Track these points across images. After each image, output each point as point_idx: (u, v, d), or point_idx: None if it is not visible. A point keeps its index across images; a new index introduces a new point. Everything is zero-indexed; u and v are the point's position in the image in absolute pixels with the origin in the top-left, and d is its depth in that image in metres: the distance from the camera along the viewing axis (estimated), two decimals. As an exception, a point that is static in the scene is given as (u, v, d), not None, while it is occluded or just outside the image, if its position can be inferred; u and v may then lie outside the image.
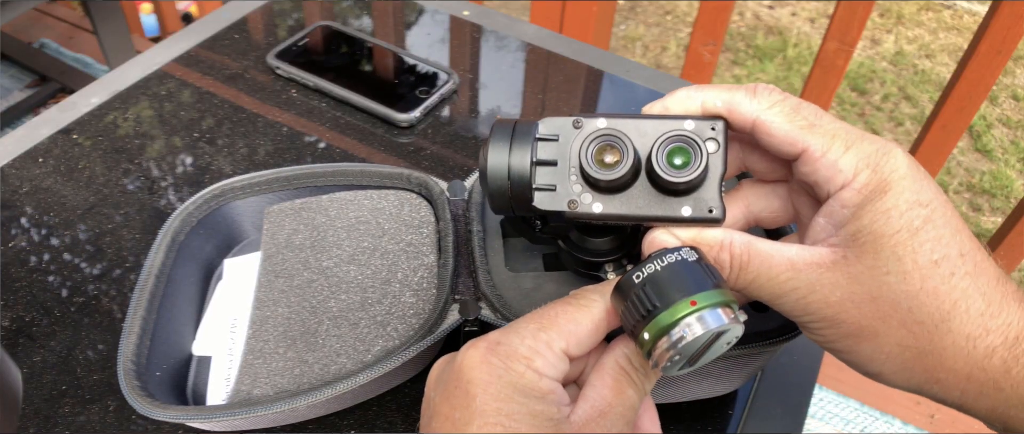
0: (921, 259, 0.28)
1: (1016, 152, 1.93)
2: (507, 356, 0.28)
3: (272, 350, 0.41)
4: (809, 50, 2.16)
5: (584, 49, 0.69)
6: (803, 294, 0.29)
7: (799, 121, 0.30)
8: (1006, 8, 0.92)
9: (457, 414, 0.28)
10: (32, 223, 0.52)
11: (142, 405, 0.37)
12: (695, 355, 0.28)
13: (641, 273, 0.28)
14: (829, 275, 0.28)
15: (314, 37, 0.68)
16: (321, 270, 0.44)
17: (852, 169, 0.29)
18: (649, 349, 0.27)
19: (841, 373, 1.30)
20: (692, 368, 0.29)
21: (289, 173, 0.48)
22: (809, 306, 0.29)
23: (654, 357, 0.27)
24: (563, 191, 0.31)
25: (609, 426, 0.28)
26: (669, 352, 0.27)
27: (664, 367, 0.28)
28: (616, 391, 0.29)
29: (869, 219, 0.28)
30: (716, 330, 0.27)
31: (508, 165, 0.32)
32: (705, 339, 0.27)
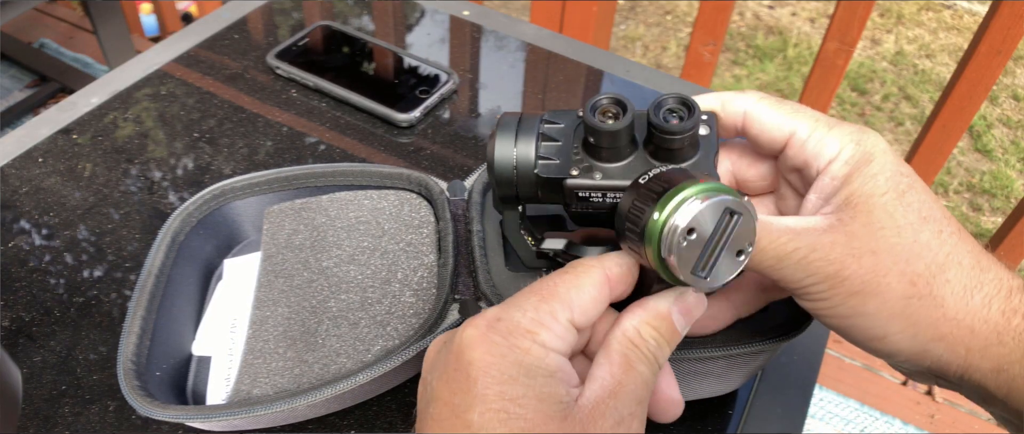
0: (911, 216, 0.29)
1: (1016, 152, 1.93)
2: (509, 332, 0.27)
3: (272, 350, 0.41)
4: (809, 50, 2.16)
5: (584, 49, 0.69)
6: (804, 254, 0.29)
7: (785, 109, 0.33)
8: (1006, 8, 0.92)
9: (457, 399, 0.26)
10: (32, 223, 0.52)
11: (142, 405, 0.37)
12: (710, 250, 0.27)
13: (647, 175, 0.29)
14: (828, 236, 0.29)
15: (314, 37, 0.68)
16: (321, 270, 0.44)
17: (837, 145, 0.31)
18: (659, 237, 0.26)
19: (841, 373, 1.30)
20: (707, 280, 0.27)
21: (289, 173, 0.48)
22: (811, 266, 0.29)
23: (666, 244, 0.26)
24: (565, 162, 0.32)
25: (621, 408, 0.27)
26: (681, 237, 0.26)
27: (679, 263, 0.26)
28: (626, 368, 0.28)
29: (859, 183, 0.30)
30: (728, 204, 0.26)
31: (515, 154, 0.33)
32: (717, 217, 0.26)
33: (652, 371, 0.28)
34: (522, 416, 0.25)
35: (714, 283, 0.28)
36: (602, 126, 0.31)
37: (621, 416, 0.27)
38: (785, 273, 0.30)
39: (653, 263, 0.27)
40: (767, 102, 0.33)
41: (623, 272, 0.30)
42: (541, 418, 0.25)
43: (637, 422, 0.27)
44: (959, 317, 0.29)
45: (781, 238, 0.30)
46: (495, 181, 0.33)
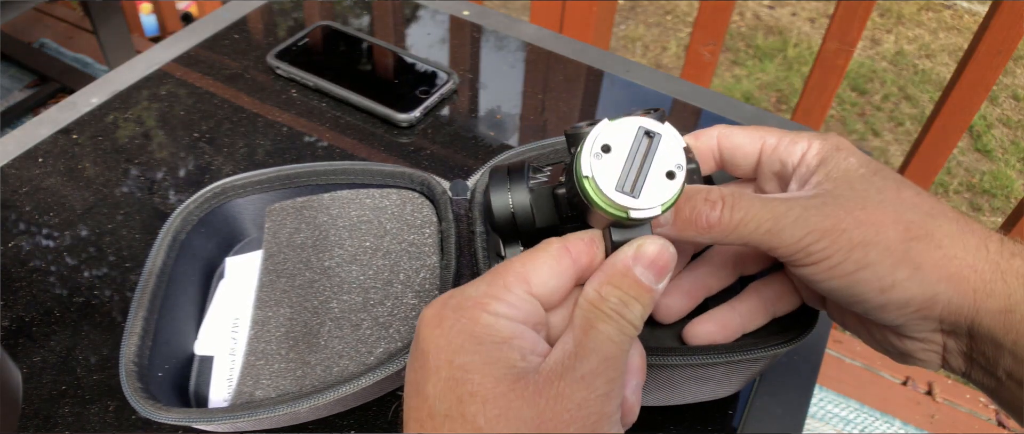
0: (889, 183, 0.32)
1: (1016, 152, 1.93)
2: (459, 306, 0.27)
3: (274, 351, 0.41)
4: (809, 50, 2.16)
5: (584, 49, 0.69)
6: (799, 213, 0.30)
7: (750, 128, 0.36)
8: (1006, 8, 0.92)
9: (418, 376, 0.27)
10: (32, 223, 0.52)
11: (145, 408, 0.37)
12: (632, 168, 0.27)
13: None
14: (817, 200, 0.31)
15: (314, 37, 0.68)
16: (323, 270, 0.44)
17: (806, 142, 0.34)
18: (580, 160, 0.27)
19: (841, 373, 1.30)
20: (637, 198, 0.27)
21: (290, 171, 0.48)
22: (809, 222, 0.30)
23: (586, 163, 0.26)
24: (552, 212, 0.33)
25: (582, 366, 0.26)
26: (596, 153, 0.26)
27: (600, 180, 0.26)
28: (586, 328, 0.27)
29: (833, 164, 0.32)
30: (642, 124, 0.27)
31: (511, 204, 0.33)
32: (632, 136, 0.27)
33: (618, 329, 0.27)
34: (470, 381, 0.25)
35: (648, 204, 0.27)
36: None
37: (582, 374, 0.26)
38: (784, 235, 0.30)
39: (590, 196, 0.27)
40: (736, 128, 0.36)
41: (584, 242, 0.29)
42: (490, 382, 0.25)
43: (603, 381, 0.26)
44: (960, 255, 0.30)
45: (775, 205, 0.31)
46: (495, 227, 0.34)
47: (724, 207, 0.31)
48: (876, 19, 2.31)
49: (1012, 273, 0.29)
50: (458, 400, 0.25)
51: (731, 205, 0.31)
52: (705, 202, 0.31)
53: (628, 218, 0.27)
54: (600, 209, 0.27)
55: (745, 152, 0.36)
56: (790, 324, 0.39)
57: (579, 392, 0.25)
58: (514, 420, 0.25)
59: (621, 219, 0.27)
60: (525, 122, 0.63)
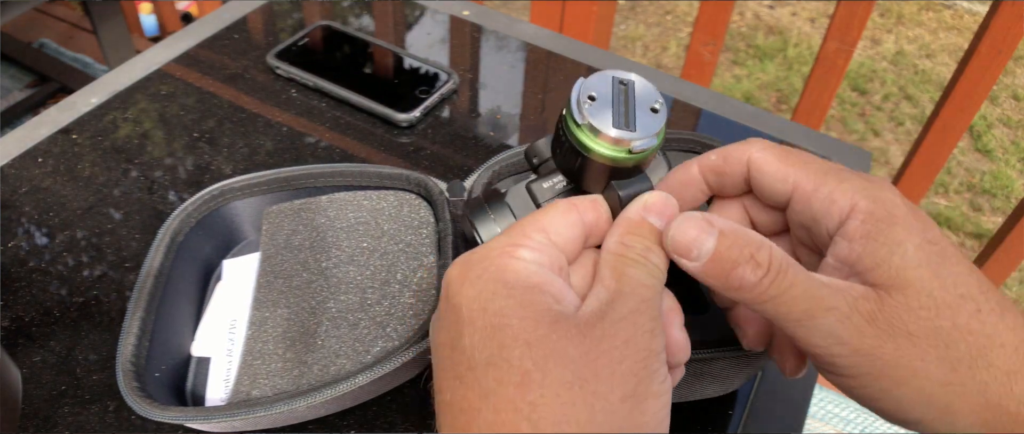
0: (948, 295, 0.26)
1: (1016, 152, 1.93)
2: (484, 257, 0.26)
3: (271, 351, 0.41)
4: (809, 50, 2.16)
5: (584, 49, 0.69)
6: (841, 316, 0.26)
7: (790, 159, 0.30)
8: (1006, 8, 0.92)
9: (449, 334, 0.26)
10: (32, 223, 0.52)
11: (141, 407, 0.37)
12: (621, 107, 0.29)
13: None
14: (865, 304, 0.26)
15: (314, 37, 0.68)
16: (320, 271, 0.44)
17: (849, 201, 0.28)
18: (571, 114, 0.28)
19: (841, 373, 1.30)
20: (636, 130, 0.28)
21: (288, 173, 0.48)
22: (843, 333, 0.26)
23: (579, 115, 0.28)
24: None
25: (621, 307, 0.25)
26: (585, 101, 0.28)
27: (598, 122, 0.28)
28: (617, 276, 0.27)
29: (887, 252, 0.26)
30: (613, 75, 0.29)
31: (498, 230, 0.33)
32: (609, 84, 0.29)
33: (648, 273, 0.27)
34: (509, 326, 0.25)
35: (645, 134, 0.28)
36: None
37: (623, 314, 0.25)
38: (814, 336, 0.27)
39: (589, 145, 0.29)
40: (771, 152, 0.30)
41: (589, 202, 0.29)
42: (530, 325, 0.25)
43: (646, 318, 0.26)
44: (1003, 404, 0.26)
45: (820, 291, 0.26)
46: None
47: (767, 275, 0.26)
48: (876, 19, 2.31)
49: None
50: (499, 346, 0.24)
51: (779, 270, 0.26)
52: (751, 261, 0.26)
53: (630, 154, 0.28)
54: (601, 155, 0.28)
55: (773, 190, 0.30)
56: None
57: (624, 329, 0.25)
58: (562, 359, 0.24)
59: (621, 161, 0.29)
60: (525, 122, 0.63)
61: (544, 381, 0.24)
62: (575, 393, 0.24)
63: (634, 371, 0.25)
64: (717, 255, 0.27)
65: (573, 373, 0.24)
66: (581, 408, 0.24)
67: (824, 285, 0.27)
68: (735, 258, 0.27)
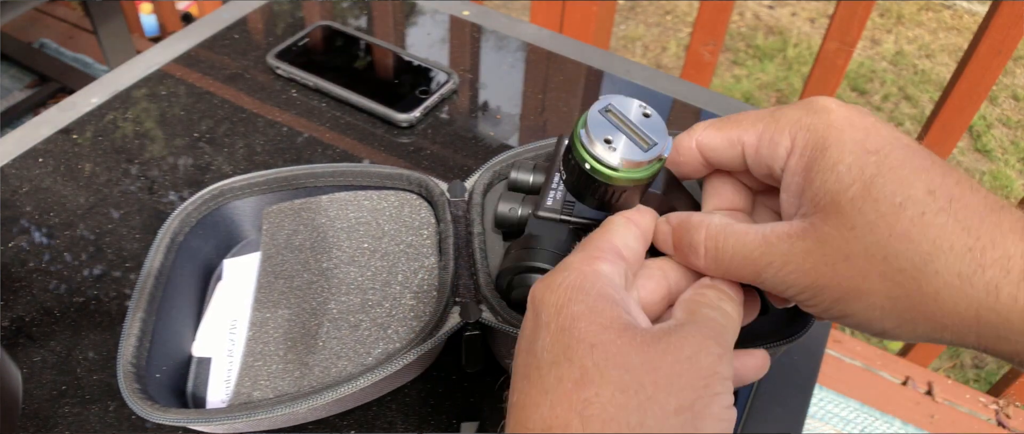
0: (883, 206, 0.26)
1: (1016, 152, 1.93)
2: (565, 267, 0.28)
3: (272, 352, 0.41)
4: (809, 50, 2.16)
5: (584, 49, 0.69)
6: (779, 267, 0.28)
7: (728, 124, 0.32)
8: (1006, 8, 0.92)
9: (528, 339, 0.27)
10: (32, 223, 0.52)
11: (142, 408, 0.37)
12: (626, 126, 0.30)
13: None
14: (800, 244, 0.28)
15: (314, 37, 0.68)
16: (321, 271, 0.44)
17: (788, 138, 0.29)
18: (583, 147, 0.30)
19: (841, 373, 1.30)
20: (650, 134, 0.30)
21: (288, 173, 0.48)
22: (787, 278, 0.28)
23: (590, 146, 0.30)
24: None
25: (693, 330, 0.27)
26: (607, 155, 0.30)
27: (619, 145, 0.30)
28: (690, 311, 0.29)
29: (820, 180, 0.28)
30: (599, 106, 0.30)
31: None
32: (602, 113, 0.30)
33: (721, 315, 0.29)
34: (577, 328, 0.26)
35: (663, 140, 0.30)
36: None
37: (690, 333, 0.27)
38: (765, 285, 0.29)
39: (633, 179, 0.30)
40: (712, 128, 0.32)
41: (638, 213, 0.32)
42: (596, 328, 0.26)
43: (715, 343, 0.27)
44: (959, 309, 0.26)
45: (755, 253, 0.29)
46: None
47: (708, 251, 0.30)
48: (876, 19, 2.31)
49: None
50: (565, 347, 0.25)
51: (717, 248, 0.30)
52: (692, 248, 0.31)
53: (660, 160, 0.31)
54: (646, 179, 0.31)
55: (729, 157, 0.32)
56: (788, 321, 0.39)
57: (690, 345, 0.26)
58: (622, 365, 0.25)
59: (656, 171, 0.31)
60: (525, 122, 0.63)
61: (601, 381, 0.24)
62: (630, 396, 0.24)
63: (693, 386, 0.25)
64: (675, 248, 0.31)
65: (632, 377, 0.25)
66: (633, 412, 0.24)
67: (761, 244, 0.29)
68: (684, 250, 0.31)
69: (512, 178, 0.44)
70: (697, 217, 0.31)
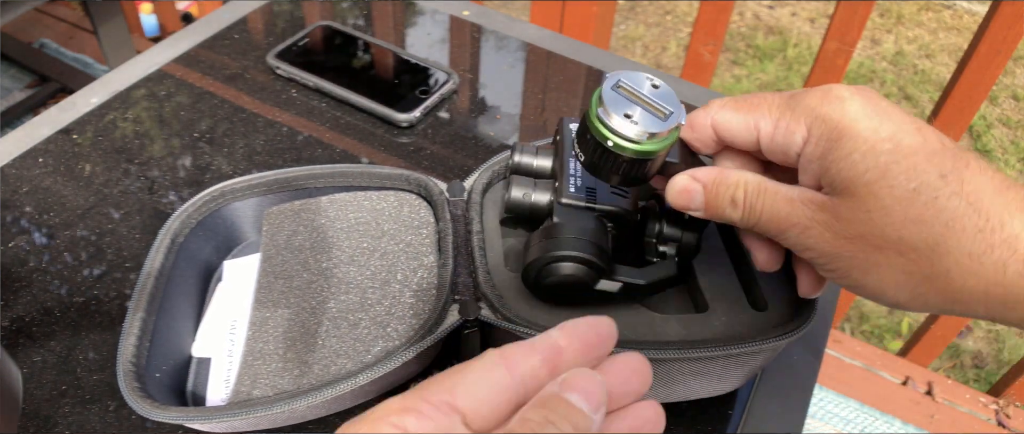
0: (897, 192, 0.28)
1: (1016, 152, 1.93)
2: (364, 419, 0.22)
3: (272, 351, 0.41)
4: (809, 50, 2.16)
5: (584, 49, 0.69)
6: (801, 229, 0.30)
7: (745, 106, 0.33)
8: (1006, 8, 0.92)
9: None
10: (32, 223, 0.52)
11: (142, 407, 0.37)
12: (640, 98, 0.31)
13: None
14: (821, 213, 0.30)
15: (314, 37, 0.68)
16: (321, 271, 0.44)
17: (804, 127, 0.31)
18: (602, 124, 0.31)
19: (841, 373, 1.30)
20: (664, 102, 0.32)
21: (288, 174, 0.48)
22: (808, 241, 0.30)
23: (635, 137, 0.31)
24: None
25: None
26: (628, 128, 0.31)
27: (638, 117, 0.30)
28: None
29: (836, 168, 0.29)
30: (610, 83, 0.31)
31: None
32: (613, 89, 0.31)
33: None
34: None
35: (678, 109, 0.32)
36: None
37: None
38: (787, 243, 0.32)
39: (656, 150, 0.31)
40: (729, 108, 0.33)
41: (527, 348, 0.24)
42: None
43: None
44: (968, 286, 0.28)
45: (782, 212, 0.31)
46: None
47: (746, 205, 0.32)
48: (876, 19, 2.31)
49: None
50: None
51: (750, 204, 0.32)
52: (730, 202, 0.32)
53: (678, 129, 0.32)
54: (666, 148, 0.32)
55: (743, 139, 0.33)
56: (788, 317, 0.39)
57: None
58: None
59: (674, 142, 0.32)
60: (525, 122, 0.63)
61: None
62: None
63: None
64: (707, 203, 0.33)
65: None
66: None
67: (787, 205, 0.31)
68: (719, 203, 0.33)
69: (516, 161, 0.42)
70: (734, 174, 0.33)
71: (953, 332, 1.24)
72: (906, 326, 1.51)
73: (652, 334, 0.39)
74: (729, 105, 0.33)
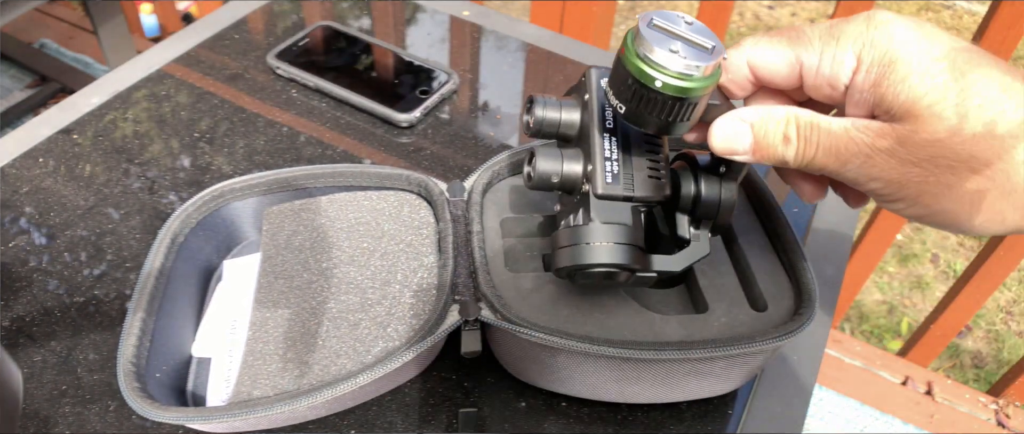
0: (962, 109, 0.27)
1: (1016, 152, 1.92)
2: None
3: (272, 351, 0.41)
4: (809, 50, 2.16)
5: (584, 49, 0.69)
6: (864, 159, 0.29)
7: (783, 42, 0.31)
8: (1006, 8, 0.92)
9: None
10: (32, 223, 0.52)
11: (142, 407, 0.37)
12: (678, 35, 0.29)
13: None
14: (883, 141, 0.28)
15: (314, 37, 0.68)
16: (321, 271, 0.44)
17: (853, 56, 0.29)
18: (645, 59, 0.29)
19: (841, 373, 1.30)
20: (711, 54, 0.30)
21: (289, 174, 0.48)
22: (872, 171, 0.29)
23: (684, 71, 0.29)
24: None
25: None
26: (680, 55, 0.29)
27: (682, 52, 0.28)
28: None
29: (892, 93, 0.28)
30: (643, 21, 0.29)
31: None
32: (648, 27, 0.29)
33: None
34: None
35: (718, 43, 0.30)
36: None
37: None
38: (849, 178, 0.30)
39: (701, 88, 0.29)
40: (764, 44, 0.32)
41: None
42: None
43: None
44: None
45: (840, 144, 0.29)
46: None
47: (799, 141, 0.30)
48: (876, 19, 2.30)
49: None
50: None
51: (805, 139, 0.30)
52: (783, 139, 0.30)
53: (721, 64, 0.30)
54: (714, 84, 0.30)
55: (784, 76, 0.32)
56: (788, 317, 0.40)
57: None
58: None
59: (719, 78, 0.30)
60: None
61: None
62: None
63: None
64: (756, 145, 0.31)
65: None
66: None
67: (845, 136, 0.29)
68: (770, 141, 0.31)
69: (539, 117, 0.37)
70: (782, 109, 0.31)
71: (953, 332, 1.24)
72: (906, 326, 1.51)
73: (652, 334, 0.39)
74: (763, 42, 0.32)
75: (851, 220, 0.57)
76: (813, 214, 0.57)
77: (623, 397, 0.42)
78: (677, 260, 0.37)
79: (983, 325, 1.53)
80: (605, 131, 0.36)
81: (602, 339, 0.38)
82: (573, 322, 0.39)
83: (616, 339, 0.38)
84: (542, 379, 0.42)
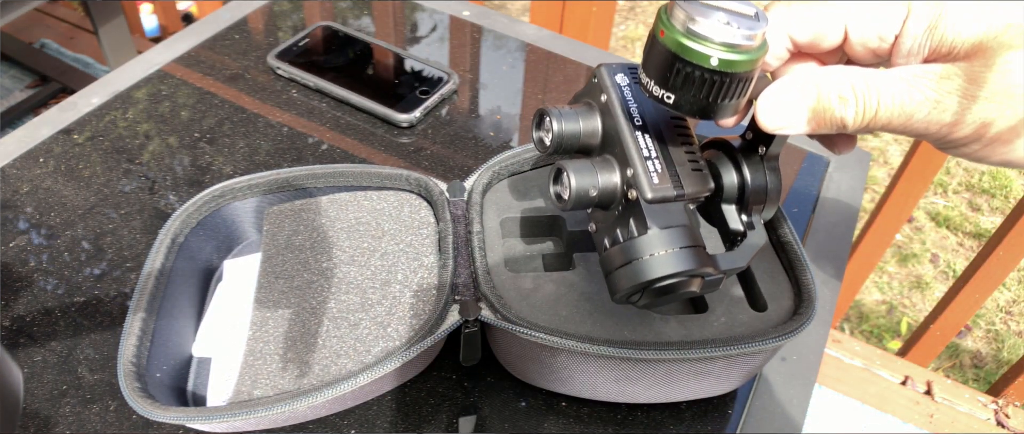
0: (1006, 68, 0.26)
1: (1016, 152, 1.92)
2: None
3: (272, 351, 0.41)
4: (809, 50, 2.16)
5: (584, 49, 0.69)
6: (933, 105, 0.27)
7: (822, 5, 0.30)
8: None
9: None
10: (32, 223, 0.52)
11: (143, 407, 0.37)
12: (730, 11, 0.27)
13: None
14: (950, 82, 0.27)
15: (314, 37, 0.68)
16: (321, 271, 0.44)
17: (905, 9, 0.29)
18: (701, 37, 0.26)
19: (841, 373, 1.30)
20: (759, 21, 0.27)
21: (289, 174, 0.48)
22: (944, 116, 0.27)
23: (704, 25, 0.26)
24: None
25: None
26: (732, 26, 0.26)
27: (726, 16, 0.26)
28: None
29: (953, 32, 0.27)
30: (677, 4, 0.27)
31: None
32: (704, 8, 0.27)
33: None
34: None
35: (754, 8, 0.27)
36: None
37: None
38: (916, 130, 0.28)
39: (752, 61, 0.27)
40: (800, 5, 0.30)
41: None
42: None
43: None
44: None
45: (903, 96, 0.28)
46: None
47: (857, 105, 0.28)
48: (876, 19, 2.30)
49: None
50: None
51: (865, 102, 0.28)
52: (840, 101, 0.28)
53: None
54: (766, 54, 0.27)
55: (829, 35, 0.30)
56: (788, 317, 0.40)
57: None
58: None
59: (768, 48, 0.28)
60: (525, 122, 0.63)
61: None
62: None
63: None
64: (812, 114, 0.29)
65: None
66: None
67: (906, 86, 0.28)
68: (826, 106, 0.29)
69: (559, 131, 0.33)
70: (837, 70, 0.29)
71: (952, 332, 1.24)
72: (905, 326, 1.51)
73: (652, 334, 0.39)
74: (797, 3, 0.30)
75: (851, 220, 0.57)
76: (813, 214, 0.57)
77: (623, 397, 0.42)
78: (741, 255, 0.33)
79: (983, 325, 1.53)
80: (636, 129, 0.32)
81: (602, 339, 0.38)
82: (573, 322, 0.39)
83: (616, 339, 0.38)
84: (542, 379, 0.42)
